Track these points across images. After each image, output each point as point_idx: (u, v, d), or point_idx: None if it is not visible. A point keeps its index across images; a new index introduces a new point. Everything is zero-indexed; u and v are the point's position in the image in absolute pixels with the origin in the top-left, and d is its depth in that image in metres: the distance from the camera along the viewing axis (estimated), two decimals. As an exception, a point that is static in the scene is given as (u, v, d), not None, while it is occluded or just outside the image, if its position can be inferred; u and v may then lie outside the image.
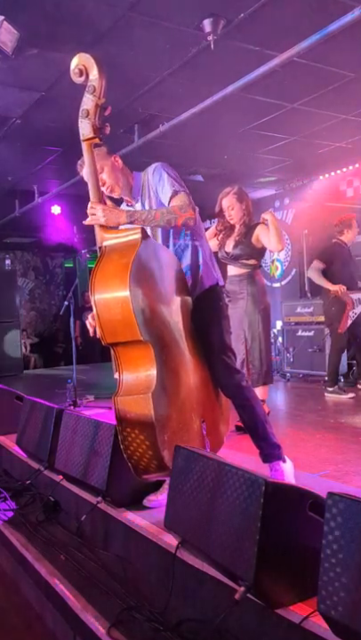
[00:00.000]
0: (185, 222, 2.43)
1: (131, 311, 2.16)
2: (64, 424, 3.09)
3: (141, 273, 2.26)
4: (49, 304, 12.59)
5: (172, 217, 2.41)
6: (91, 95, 2.35)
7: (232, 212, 3.93)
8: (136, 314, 2.17)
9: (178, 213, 2.42)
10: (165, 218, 2.41)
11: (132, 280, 2.18)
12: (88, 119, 2.37)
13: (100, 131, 2.39)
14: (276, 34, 3.99)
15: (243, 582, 1.60)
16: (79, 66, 2.36)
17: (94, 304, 2.23)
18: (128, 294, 2.16)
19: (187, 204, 2.44)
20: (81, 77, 2.37)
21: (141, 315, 2.20)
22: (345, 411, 4.94)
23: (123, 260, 2.25)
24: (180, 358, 2.44)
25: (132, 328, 2.18)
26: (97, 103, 2.35)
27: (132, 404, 2.18)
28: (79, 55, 2.37)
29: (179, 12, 3.73)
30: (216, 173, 7.45)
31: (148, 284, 2.30)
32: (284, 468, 2.62)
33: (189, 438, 2.38)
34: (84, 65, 2.35)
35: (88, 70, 2.35)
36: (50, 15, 3.69)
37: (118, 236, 2.37)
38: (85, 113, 2.37)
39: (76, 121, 2.39)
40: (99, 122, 2.37)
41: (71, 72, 2.38)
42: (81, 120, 2.39)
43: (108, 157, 2.59)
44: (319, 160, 7.27)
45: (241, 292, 3.97)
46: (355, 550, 1.35)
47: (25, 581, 2.73)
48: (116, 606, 2.05)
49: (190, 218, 2.44)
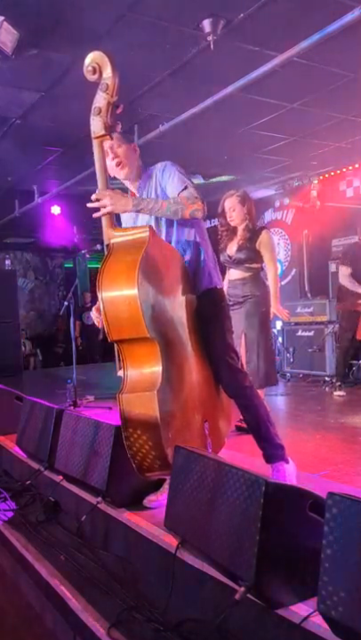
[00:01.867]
0: (192, 213, 2.42)
1: (138, 309, 2.16)
2: (64, 424, 3.09)
3: (149, 271, 2.25)
4: (49, 304, 12.59)
5: (179, 207, 2.40)
6: (104, 93, 2.36)
7: (233, 213, 3.93)
8: (143, 311, 2.17)
9: (185, 204, 2.41)
10: (172, 208, 2.40)
11: (139, 278, 2.18)
12: (100, 117, 2.37)
13: (112, 128, 2.39)
14: (276, 34, 3.98)
15: (243, 582, 1.60)
16: (93, 64, 2.36)
17: (101, 301, 2.22)
18: (136, 292, 2.16)
19: (195, 197, 2.43)
20: (94, 75, 2.37)
21: (148, 312, 2.20)
22: (345, 411, 4.94)
23: (130, 257, 2.24)
24: (184, 356, 2.45)
25: (138, 325, 2.18)
26: (109, 101, 2.36)
27: (136, 402, 2.18)
28: (93, 53, 2.38)
29: (178, 12, 3.73)
30: (216, 173, 7.45)
31: (155, 282, 2.30)
32: (287, 469, 2.61)
33: (192, 437, 2.38)
34: (97, 63, 2.36)
35: (102, 68, 2.36)
36: (50, 15, 3.68)
37: (126, 234, 2.37)
38: (97, 110, 2.37)
39: (76, 121, 2.39)
40: (110, 120, 2.38)
41: (85, 69, 2.38)
42: (93, 117, 2.39)
43: (127, 141, 2.61)
44: (319, 160, 7.27)
45: (244, 295, 3.93)
46: (355, 550, 1.35)
47: (25, 581, 2.72)
48: (117, 606, 2.05)
49: (198, 209, 2.41)
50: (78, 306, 9.84)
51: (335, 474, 2.92)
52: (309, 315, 6.98)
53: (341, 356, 5.87)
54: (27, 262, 12.33)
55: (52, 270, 12.68)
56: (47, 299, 12.59)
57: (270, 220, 8.91)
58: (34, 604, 2.60)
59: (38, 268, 12.49)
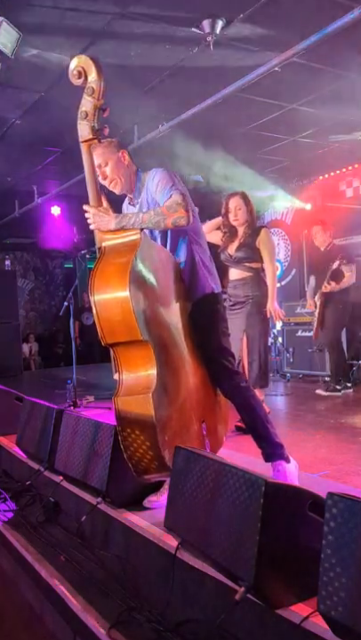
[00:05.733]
0: (175, 222, 2.37)
1: (131, 311, 2.16)
2: (64, 425, 3.09)
3: (141, 273, 2.26)
4: (49, 305, 12.58)
5: (160, 218, 2.36)
6: (89, 97, 2.36)
7: (239, 212, 3.94)
8: (136, 314, 2.17)
9: (166, 214, 2.36)
10: (153, 220, 2.37)
11: (131, 280, 2.18)
12: (87, 121, 2.37)
13: (99, 132, 2.39)
14: (275, 34, 3.99)
15: (243, 582, 1.60)
16: (78, 68, 2.36)
17: (94, 304, 2.22)
18: (128, 294, 2.16)
19: (177, 204, 2.37)
20: (80, 79, 2.37)
21: (141, 315, 2.20)
22: (345, 411, 4.94)
23: (122, 260, 2.25)
24: (179, 358, 2.44)
25: (131, 328, 2.18)
26: (95, 105, 2.36)
27: (132, 405, 2.18)
28: (78, 57, 2.37)
29: (178, 12, 3.73)
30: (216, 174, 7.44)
31: (147, 285, 2.30)
32: (288, 468, 2.60)
33: (190, 439, 2.38)
34: (82, 67, 2.36)
35: (87, 72, 2.36)
36: (49, 16, 3.69)
37: (117, 236, 2.37)
38: (84, 114, 2.37)
39: (76, 122, 2.39)
40: (97, 123, 2.37)
41: (69, 74, 2.38)
42: (80, 122, 2.39)
43: (115, 152, 2.56)
44: (319, 160, 7.27)
45: (245, 295, 3.95)
46: (355, 550, 1.34)
47: (25, 582, 2.72)
48: (117, 607, 2.05)
49: (181, 217, 2.36)
50: (78, 306, 9.83)
51: (335, 474, 2.92)
52: (309, 315, 6.97)
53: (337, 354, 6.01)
54: (27, 263, 12.32)
55: (51, 271, 12.67)
56: (47, 299, 12.59)
57: (270, 220, 8.90)
58: (34, 604, 2.60)
59: (38, 269, 12.49)
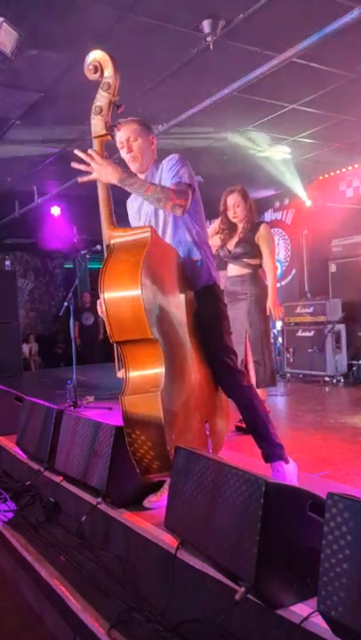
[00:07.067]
0: (173, 207, 2.37)
1: (142, 310, 2.16)
2: (64, 425, 3.09)
3: (151, 271, 2.25)
4: (49, 305, 12.59)
5: (162, 196, 2.35)
6: (105, 92, 2.35)
7: (238, 209, 3.93)
8: (147, 312, 2.16)
9: (170, 196, 2.35)
10: (156, 195, 2.35)
11: (143, 278, 2.17)
12: (101, 116, 2.36)
13: (112, 128, 2.38)
14: (275, 34, 3.99)
15: (243, 582, 1.59)
16: (94, 62, 2.35)
17: (104, 302, 2.21)
18: (140, 293, 2.16)
19: (185, 192, 2.38)
20: (95, 74, 2.36)
21: (152, 313, 2.20)
22: (345, 411, 4.94)
23: (133, 258, 2.23)
24: (184, 356, 2.44)
25: (142, 326, 2.17)
26: (111, 100, 2.35)
27: (139, 403, 2.17)
28: (94, 52, 2.36)
29: (178, 12, 3.73)
30: (216, 173, 7.43)
31: (157, 283, 2.29)
32: (287, 468, 2.60)
33: (194, 438, 2.38)
34: (99, 62, 2.35)
35: (103, 67, 2.35)
36: (49, 16, 3.69)
37: (126, 234, 2.36)
38: (98, 109, 2.36)
39: (76, 122, 2.39)
40: (111, 119, 2.36)
41: (85, 68, 2.36)
42: (93, 116, 2.37)
43: (148, 133, 2.59)
44: (319, 160, 7.27)
45: (243, 292, 3.94)
46: (355, 550, 1.34)
47: (25, 582, 2.72)
48: (117, 607, 2.05)
49: (179, 206, 2.37)
50: (78, 307, 9.83)
51: (335, 474, 2.92)
52: (309, 315, 6.98)
53: None
54: (27, 263, 12.33)
55: (51, 271, 12.68)
56: (47, 299, 12.59)
57: (270, 221, 8.90)
58: (34, 604, 2.60)
59: (38, 269, 12.49)
